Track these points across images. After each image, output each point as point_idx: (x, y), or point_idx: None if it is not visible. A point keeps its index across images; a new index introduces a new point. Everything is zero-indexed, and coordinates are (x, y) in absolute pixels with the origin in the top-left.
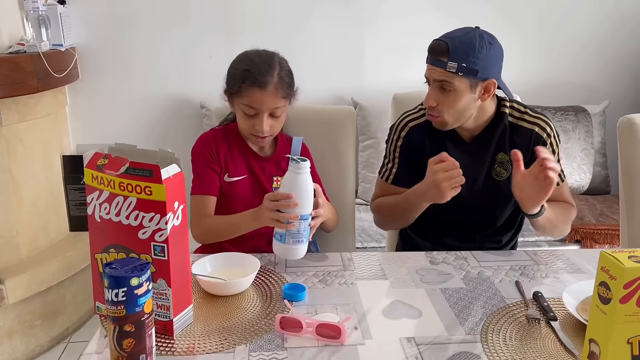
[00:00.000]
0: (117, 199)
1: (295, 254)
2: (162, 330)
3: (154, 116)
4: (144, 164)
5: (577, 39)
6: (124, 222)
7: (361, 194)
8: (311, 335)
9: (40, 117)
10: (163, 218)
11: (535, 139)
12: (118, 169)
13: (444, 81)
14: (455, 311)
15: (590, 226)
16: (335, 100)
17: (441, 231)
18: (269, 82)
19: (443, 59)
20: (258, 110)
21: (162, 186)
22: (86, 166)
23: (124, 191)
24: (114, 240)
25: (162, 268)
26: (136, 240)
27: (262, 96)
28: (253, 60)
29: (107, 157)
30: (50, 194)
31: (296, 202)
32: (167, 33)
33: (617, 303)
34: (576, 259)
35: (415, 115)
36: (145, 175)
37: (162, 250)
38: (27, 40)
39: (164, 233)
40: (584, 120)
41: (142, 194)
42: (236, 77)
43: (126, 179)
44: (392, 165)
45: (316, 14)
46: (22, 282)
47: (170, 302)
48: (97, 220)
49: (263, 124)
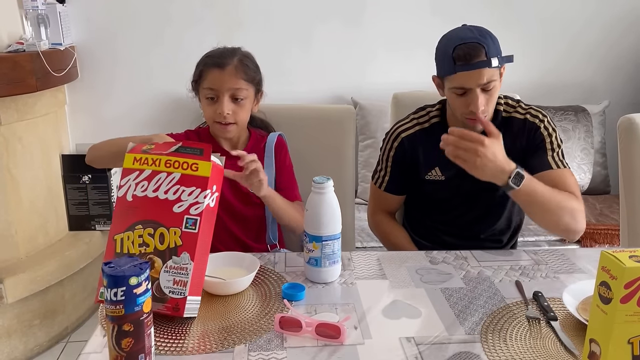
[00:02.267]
0: (158, 176)
1: (332, 275)
2: (173, 309)
3: (153, 115)
4: (196, 143)
5: (576, 39)
6: (161, 197)
7: (361, 193)
8: (311, 335)
9: (39, 116)
10: (203, 192)
11: (529, 126)
12: (168, 149)
13: (491, 81)
14: (455, 311)
15: (590, 226)
16: (335, 100)
17: (441, 231)
18: (228, 63)
19: (483, 58)
20: (218, 92)
21: (209, 163)
22: (128, 152)
23: (170, 168)
24: (143, 216)
25: (190, 241)
26: (169, 214)
27: (221, 76)
28: (215, 49)
29: (154, 144)
30: (49, 193)
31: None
32: (166, 32)
33: (618, 303)
34: (576, 259)
35: (407, 126)
36: (196, 154)
37: (194, 223)
38: (26, 39)
39: (200, 206)
40: (583, 120)
41: (188, 169)
42: (198, 65)
43: (174, 157)
44: (385, 173)
45: (315, 13)
46: (21, 282)
47: (189, 278)
48: (127, 200)
49: (224, 106)
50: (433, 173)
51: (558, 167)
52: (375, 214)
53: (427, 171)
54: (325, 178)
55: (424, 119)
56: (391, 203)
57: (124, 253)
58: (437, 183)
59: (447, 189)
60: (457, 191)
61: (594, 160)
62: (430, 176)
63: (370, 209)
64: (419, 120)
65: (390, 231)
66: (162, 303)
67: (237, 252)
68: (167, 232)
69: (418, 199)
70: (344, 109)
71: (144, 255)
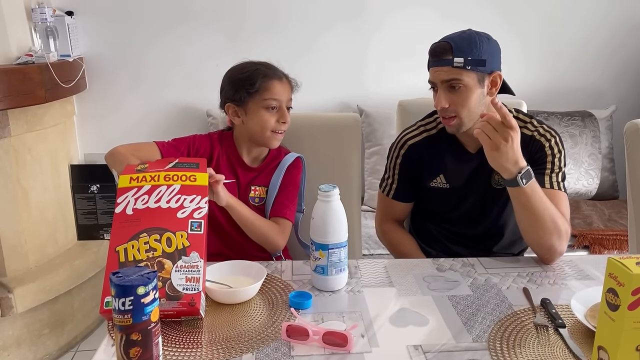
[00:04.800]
0: (159, 189)
1: (339, 283)
2: (189, 305)
3: (161, 125)
4: (191, 159)
5: (583, 44)
6: (164, 207)
7: (367, 200)
8: (318, 343)
9: (48, 127)
10: (204, 198)
11: (535, 142)
12: (165, 166)
13: (452, 79)
14: (462, 318)
15: (599, 231)
16: (341, 108)
17: (450, 240)
18: (282, 75)
19: (448, 56)
20: (281, 102)
21: (206, 174)
22: (122, 174)
23: (169, 181)
24: (147, 225)
25: (197, 242)
26: (174, 219)
27: (282, 86)
28: (257, 62)
29: (147, 163)
30: (58, 203)
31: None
32: (173, 42)
33: (626, 310)
34: (584, 265)
35: (414, 133)
36: (192, 167)
37: (199, 225)
38: (35, 51)
39: (202, 211)
40: (590, 125)
41: (187, 181)
42: (251, 77)
43: (172, 172)
44: (392, 181)
45: (321, 21)
46: (31, 291)
47: (201, 274)
48: (127, 214)
49: (287, 116)
50: (438, 180)
51: (553, 187)
52: (383, 222)
53: (432, 178)
54: (331, 186)
55: (431, 125)
56: (399, 211)
57: (130, 261)
58: (441, 191)
59: (451, 197)
60: (460, 200)
61: (602, 165)
62: (435, 183)
63: (378, 218)
64: (426, 127)
65: (398, 240)
66: (176, 300)
67: (244, 261)
68: (173, 236)
69: (425, 206)
70: (349, 117)
71: (152, 259)
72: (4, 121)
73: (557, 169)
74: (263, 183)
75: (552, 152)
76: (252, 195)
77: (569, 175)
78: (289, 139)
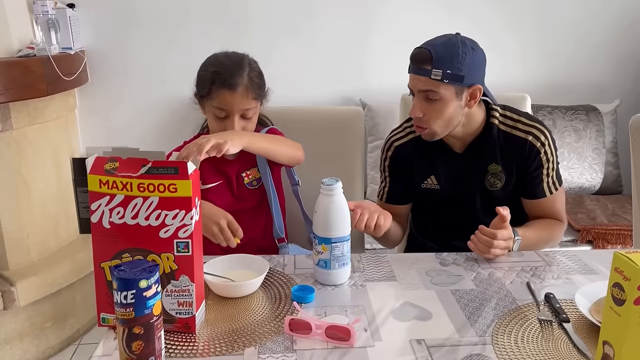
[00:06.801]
0: (134, 202)
1: (341, 277)
2: (184, 327)
3: (163, 118)
4: (168, 162)
5: (587, 38)
6: (142, 224)
7: (369, 195)
8: (320, 337)
9: (50, 120)
10: (188, 214)
11: (530, 148)
12: (137, 170)
13: (429, 90)
14: (466, 313)
15: (603, 226)
16: (343, 102)
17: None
18: (238, 83)
19: (427, 67)
20: (229, 112)
21: (188, 182)
22: (90, 172)
23: (144, 192)
24: (128, 244)
25: (186, 264)
26: (156, 240)
27: (233, 98)
28: (222, 62)
29: (117, 160)
30: (60, 197)
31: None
32: (175, 36)
33: (632, 305)
34: (588, 260)
35: (400, 134)
36: (170, 173)
37: (185, 246)
38: (36, 43)
39: (188, 229)
40: (595, 119)
41: (166, 192)
42: (205, 80)
43: (147, 179)
44: (385, 184)
45: (322, 14)
46: (33, 285)
47: (194, 298)
48: (105, 227)
49: (234, 126)
50: (429, 181)
51: (551, 192)
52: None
53: (422, 179)
54: (334, 180)
55: None
56: (397, 213)
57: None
58: (433, 191)
59: (443, 197)
60: (453, 200)
61: (606, 160)
62: (426, 184)
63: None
64: (412, 128)
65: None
66: (171, 323)
67: (247, 254)
68: (158, 258)
69: (422, 206)
70: (352, 111)
71: None
72: (6, 114)
73: (552, 169)
74: (250, 164)
75: (547, 156)
76: (247, 181)
77: (572, 170)
78: (291, 133)
